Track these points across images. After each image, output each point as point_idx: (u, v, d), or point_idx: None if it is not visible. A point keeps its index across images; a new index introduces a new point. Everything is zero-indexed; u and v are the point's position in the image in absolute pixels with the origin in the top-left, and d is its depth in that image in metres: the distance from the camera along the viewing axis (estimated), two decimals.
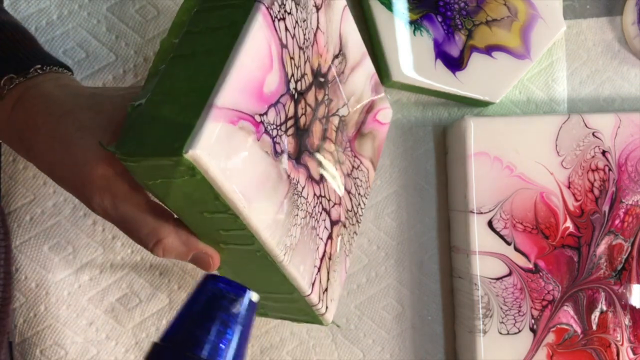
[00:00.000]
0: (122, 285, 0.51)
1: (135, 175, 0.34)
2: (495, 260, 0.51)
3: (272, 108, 0.35)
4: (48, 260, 0.50)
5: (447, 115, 0.56)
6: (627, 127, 0.53)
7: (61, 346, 0.50)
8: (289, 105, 0.37)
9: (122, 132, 0.34)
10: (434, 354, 0.55)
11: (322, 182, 0.41)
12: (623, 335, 0.52)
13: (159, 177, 0.33)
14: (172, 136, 0.31)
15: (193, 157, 0.30)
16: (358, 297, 0.54)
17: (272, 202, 0.35)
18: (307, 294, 0.39)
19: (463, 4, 0.54)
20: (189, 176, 0.32)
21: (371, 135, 0.48)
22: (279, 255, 0.36)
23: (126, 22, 0.52)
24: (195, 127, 0.31)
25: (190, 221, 0.37)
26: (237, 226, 0.35)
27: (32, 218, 0.50)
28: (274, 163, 0.35)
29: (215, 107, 0.31)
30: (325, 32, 0.41)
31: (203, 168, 0.31)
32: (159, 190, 0.34)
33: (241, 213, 0.33)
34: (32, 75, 0.40)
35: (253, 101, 0.34)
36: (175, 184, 0.33)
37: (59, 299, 0.50)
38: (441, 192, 0.56)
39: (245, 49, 0.33)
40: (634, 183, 0.53)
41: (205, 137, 0.30)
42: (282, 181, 0.36)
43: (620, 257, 0.52)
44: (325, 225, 0.41)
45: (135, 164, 0.33)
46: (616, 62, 0.58)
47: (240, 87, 0.33)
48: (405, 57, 0.53)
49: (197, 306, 0.32)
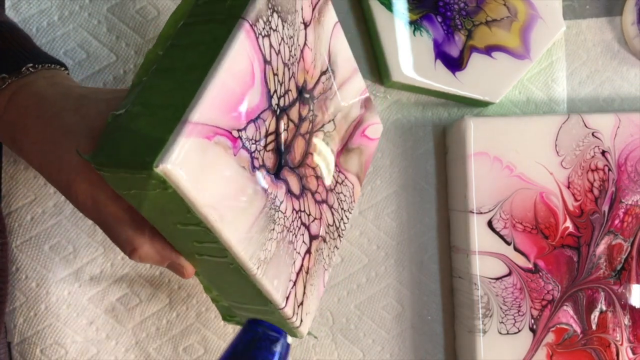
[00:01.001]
0: (123, 284, 0.51)
1: (110, 183, 0.35)
2: (495, 260, 0.51)
3: (252, 123, 0.36)
4: (49, 259, 0.50)
5: (447, 115, 0.56)
6: (626, 127, 0.53)
7: (61, 345, 0.50)
8: (270, 121, 0.37)
9: (100, 142, 0.34)
10: (433, 353, 0.55)
11: (302, 197, 0.41)
12: (622, 335, 0.52)
13: (132, 188, 0.33)
14: (145, 150, 0.31)
15: (164, 171, 0.30)
16: (358, 297, 0.54)
17: (246, 217, 0.36)
18: (281, 307, 0.40)
19: (463, 4, 0.54)
20: (160, 189, 0.32)
21: (358, 151, 0.48)
22: (252, 269, 0.36)
23: (127, 23, 0.52)
24: (168, 142, 0.31)
25: (164, 231, 0.37)
26: (209, 239, 0.35)
27: (32, 218, 0.50)
28: (250, 177, 0.36)
29: (189, 122, 0.31)
30: (312, 48, 0.41)
31: (174, 182, 0.31)
32: (132, 200, 0.35)
33: (213, 227, 0.34)
34: (25, 74, 0.41)
35: (231, 117, 0.34)
36: (148, 196, 0.33)
37: (60, 299, 0.50)
38: (441, 192, 0.56)
39: (226, 66, 0.34)
40: (633, 183, 0.53)
41: (177, 152, 0.31)
42: (258, 196, 0.36)
43: (619, 257, 0.52)
44: (304, 239, 0.42)
45: (108, 175, 0.33)
46: (616, 62, 0.58)
47: (218, 103, 0.33)
48: (405, 57, 0.53)
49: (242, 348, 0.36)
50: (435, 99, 0.56)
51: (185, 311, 0.52)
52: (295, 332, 0.43)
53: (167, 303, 0.52)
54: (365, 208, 0.55)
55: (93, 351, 0.51)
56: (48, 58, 0.43)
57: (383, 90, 0.56)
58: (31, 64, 0.41)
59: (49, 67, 0.42)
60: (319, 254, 0.44)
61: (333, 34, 0.44)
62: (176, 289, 0.52)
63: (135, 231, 0.38)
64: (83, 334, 0.51)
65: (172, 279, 0.52)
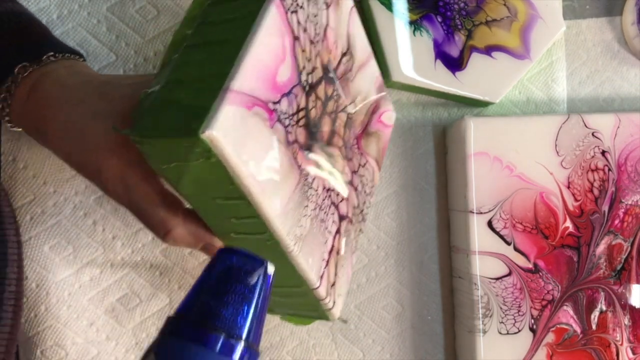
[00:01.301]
0: (123, 285, 0.51)
1: (149, 158, 0.34)
2: (495, 260, 0.51)
3: (285, 98, 0.36)
4: (48, 260, 0.50)
5: (447, 115, 0.56)
6: (626, 127, 0.53)
7: (62, 347, 0.50)
8: (301, 97, 0.37)
9: (136, 117, 0.34)
10: (434, 353, 0.55)
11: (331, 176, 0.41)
12: (622, 335, 0.52)
13: (173, 161, 0.33)
14: (189, 118, 0.31)
15: (209, 138, 0.30)
16: (358, 297, 0.54)
17: (283, 191, 0.35)
18: (315, 287, 0.39)
19: (463, 4, 0.54)
20: (204, 159, 0.31)
21: (376, 136, 0.48)
22: (289, 245, 0.36)
23: (126, 22, 0.52)
24: (212, 109, 0.31)
25: (201, 208, 0.37)
26: (249, 213, 0.34)
27: (32, 218, 0.50)
28: (286, 152, 0.35)
29: (231, 90, 0.31)
30: (334, 29, 0.42)
31: (219, 150, 0.31)
32: (172, 174, 0.34)
33: (254, 199, 0.33)
34: (45, 62, 0.41)
35: (267, 89, 0.34)
36: (189, 168, 0.33)
37: (60, 300, 0.50)
38: (441, 192, 0.56)
39: (260, 39, 0.34)
40: (633, 183, 0.53)
41: (222, 119, 0.30)
42: (293, 171, 0.36)
43: (619, 257, 0.52)
44: (334, 219, 0.41)
45: (150, 146, 0.33)
46: (616, 62, 0.58)
47: (255, 74, 0.33)
48: (405, 57, 0.53)
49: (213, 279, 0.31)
50: (435, 99, 0.56)
51: None
52: (327, 314, 0.42)
53: (167, 303, 0.52)
54: None
55: (93, 352, 0.51)
56: (67, 48, 0.43)
57: None
58: (52, 52, 0.41)
59: (68, 57, 0.42)
60: (347, 235, 0.43)
61: (350, 17, 0.44)
62: (176, 289, 0.52)
63: (168, 212, 0.37)
64: (83, 335, 0.50)
65: (172, 279, 0.52)
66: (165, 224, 0.37)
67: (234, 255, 0.31)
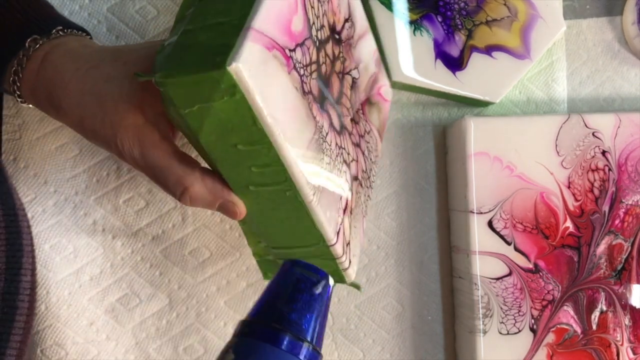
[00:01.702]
0: (123, 285, 0.51)
1: (171, 103, 0.34)
2: (495, 260, 0.51)
3: (299, 48, 0.36)
4: (49, 259, 0.50)
5: (447, 115, 0.56)
6: (627, 127, 0.53)
7: (61, 346, 0.50)
8: (312, 50, 0.37)
9: (156, 65, 0.34)
10: (434, 354, 0.55)
11: (342, 134, 0.41)
12: (623, 335, 0.52)
13: (196, 102, 0.33)
14: (213, 54, 0.31)
15: (235, 71, 0.30)
16: (358, 297, 0.54)
17: (301, 138, 0.35)
18: (332, 243, 0.39)
19: (463, 4, 0.54)
20: (228, 96, 0.31)
21: (377, 107, 0.49)
22: (309, 194, 0.36)
23: (126, 23, 0.52)
24: (236, 46, 0.31)
25: (221, 159, 0.37)
26: (269, 159, 0.34)
27: (33, 217, 0.50)
28: (302, 100, 0.36)
29: (252, 29, 0.32)
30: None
31: (244, 84, 0.31)
32: (194, 120, 0.34)
33: (276, 141, 0.33)
34: (55, 36, 0.41)
35: (283, 35, 0.34)
36: (212, 110, 0.33)
37: (60, 299, 0.50)
38: (441, 192, 0.56)
39: None
40: (633, 183, 0.53)
41: (246, 54, 0.31)
42: (310, 120, 0.36)
43: (620, 257, 0.52)
44: (346, 177, 0.41)
45: (174, 87, 0.33)
46: (616, 62, 0.58)
47: (273, 18, 0.33)
48: (405, 57, 0.53)
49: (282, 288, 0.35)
50: (435, 99, 0.56)
51: (185, 311, 0.52)
52: (343, 274, 0.42)
53: (167, 303, 0.52)
54: None
55: (93, 352, 0.51)
56: (75, 25, 0.44)
57: None
58: (60, 27, 0.42)
59: (76, 33, 0.43)
60: (358, 197, 0.43)
61: None
62: (176, 289, 0.52)
63: (185, 170, 0.38)
64: (83, 335, 0.51)
65: (172, 279, 0.52)
66: (183, 181, 0.37)
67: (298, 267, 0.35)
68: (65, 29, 0.42)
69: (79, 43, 0.42)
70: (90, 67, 0.39)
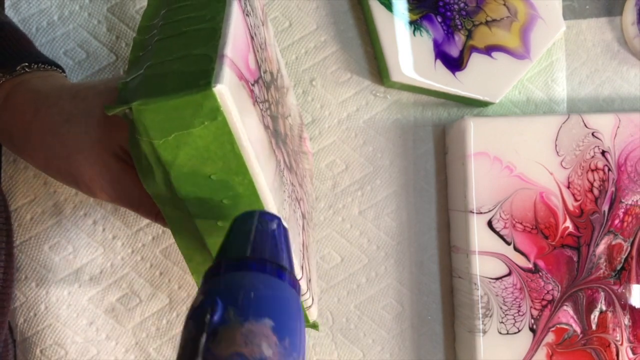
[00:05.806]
0: (122, 285, 0.51)
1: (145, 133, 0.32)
2: (495, 260, 0.51)
3: (256, 84, 0.36)
4: (48, 259, 0.50)
5: (447, 115, 0.56)
6: (626, 127, 0.53)
7: (61, 346, 0.50)
8: (264, 89, 0.38)
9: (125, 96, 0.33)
10: (433, 353, 0.55)
11: (291, 172, 0.42)
12: (622, 335, 0.52)
13: (174, 130, 0.32)
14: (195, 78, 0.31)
15: (220, 93, 0.30)
16: (358, 297, 0.54)
17: (269, 169, 0.35)
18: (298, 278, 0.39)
19: (463, 4, 0.54)
20: (209, 120, 0.31)
21: (306, 156, 0.50)
22: None
23: (127, 23, 0.52)
24: (215, 70, 0.31)
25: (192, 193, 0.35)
26: (244, 188, 0.34)
27: (32, 217, 0.50)
28: (265, 132, 0.36)
29: (227, 57, 0.32)
30: (271, 46, 0.44)
31: (227, 107, 0.31)
32: (168, 151, 0.33)
33: (252, 167, 0.33)
34: (19, 72, 0.41)
35: (246, 69, 0.35)
36: (191, 136, 0.32)
37: (60, 299, 0.50)
38: (441, 192, 0.56)
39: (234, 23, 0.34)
40: (633, 183, 0.53)
41: (227, 77, 0.31)
42: (271, 153, 0.37)
43: (619, 257, 0.52)
44: (300, 213, 0.42)
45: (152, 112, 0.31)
46: (616, 62, 0.58)
47: (237, 52, 0.34)
48: (405, 58, 0.53)
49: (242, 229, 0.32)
50: (435, 99, 0.56)
51: (185, 311, 0.52)
52: (306, 313, 0.42)
53: (167, 303, 0.52)
54: (365, 208, 0.55)
55: (93, 352, 0.51)
56: (46, 60, 0.43)
57: (383, 90, 0.56)
58: (26, 63, 0.41)
59: (44, 69, 0.42)
60: (308, 236, 0.43)
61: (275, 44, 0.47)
62: (176, 289, 0.52)
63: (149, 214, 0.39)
64: (83, 335, 0.51)
65: (172, 279, 0.52)
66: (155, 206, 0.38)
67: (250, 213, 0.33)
68: (32, 64, 0.42)
69: (43, 80, 0.41)
70: (50, 105, 0.38)
